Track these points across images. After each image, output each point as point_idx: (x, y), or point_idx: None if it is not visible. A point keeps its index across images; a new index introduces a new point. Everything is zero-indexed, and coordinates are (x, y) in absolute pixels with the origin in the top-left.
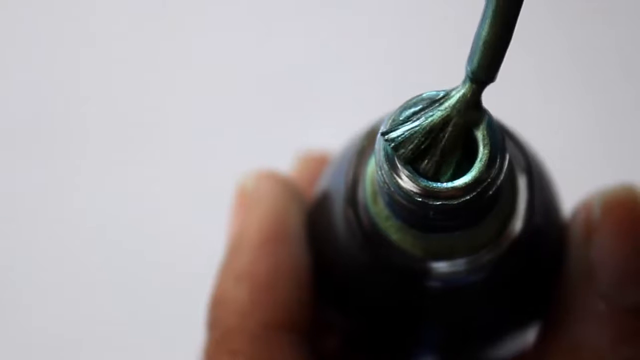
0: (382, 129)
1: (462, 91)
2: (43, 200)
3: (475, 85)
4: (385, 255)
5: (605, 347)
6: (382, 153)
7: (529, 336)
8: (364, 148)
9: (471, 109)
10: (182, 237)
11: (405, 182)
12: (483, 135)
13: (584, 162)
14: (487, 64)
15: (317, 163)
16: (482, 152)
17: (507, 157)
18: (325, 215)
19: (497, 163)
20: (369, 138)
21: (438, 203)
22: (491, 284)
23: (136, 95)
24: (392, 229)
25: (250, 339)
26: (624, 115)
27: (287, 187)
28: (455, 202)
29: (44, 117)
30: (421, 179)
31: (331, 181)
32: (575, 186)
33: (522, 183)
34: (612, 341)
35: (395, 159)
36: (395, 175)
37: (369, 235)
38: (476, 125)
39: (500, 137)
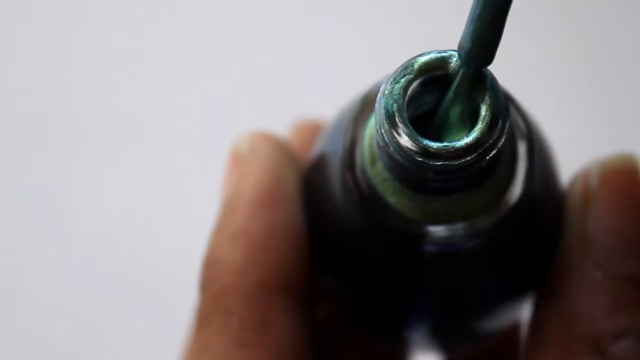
0: (384, 86)
1: (459, 78)
2: (42, 200)
3: (471, 71)
4: (382, 219)
5: (600, 316)
6: (382, 111)
7: (524, 307)
8: (362, 110)
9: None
10: (181, 237)
11: (405, 141)
12: (485, 97)
13: (587, 149)
14: (481, 49)
15: (312, 130)
16: (484, 113)
17: (509, 119)
18: (321, 178)
19: (499, 125)
20: (367, 100)
21: (438, 163)
22: (488, 250)
23: (136, 96)
24: (389, 191)
25: (244, 298)
26: (628, 103)
27: (282, 148)
28: (456, 163)
29: (44, 118)
30: (421, 138)
31: (327, 145)
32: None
33: (522, 149)
34: (607, 309)
35: (396, 116)
36: (395, 134)
37: (366, 198)
38: (479, 87)
39: (503, 99)
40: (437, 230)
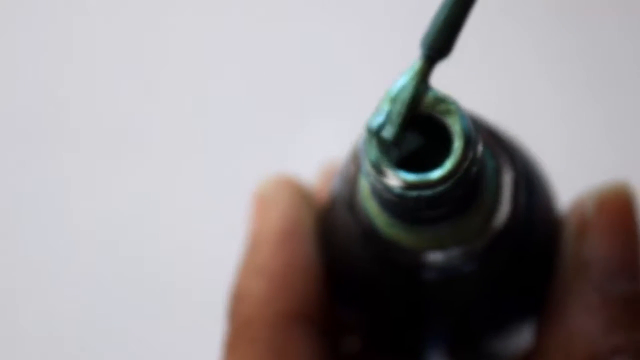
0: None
1: (416, 66)
2: (42, 201)
3: (426, 60)
4: (382, 251)
5: (597, 336)
6: (363, 153)
7: (529, 333)
8: (355, 159)
9: (442, 100)
10: (181, 239)
11: (387, 176)
12: (456, 129)
13: (590, 157)
14: (441, 40)
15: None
16: (456, 145)
17: (480, 150)
18: (333, 217)
19: (470, 155)
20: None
21: (415, 194)
22: (483, 275)
23: (137, 97)
24: (385, 224)
25: (268, 327)
26: (630, 113)
27: (300, 192)
28: (431, 193)
29: (44, 118)
30: (395, 170)
31: (336, 187)
32: (580, 180)
33: (506, 175)
34: (604, 330)
35: (379, 163)
36: (374, 170)
37: (367, 233)
38: (449, 116)
39: (474, 132)
40: (433, 257)
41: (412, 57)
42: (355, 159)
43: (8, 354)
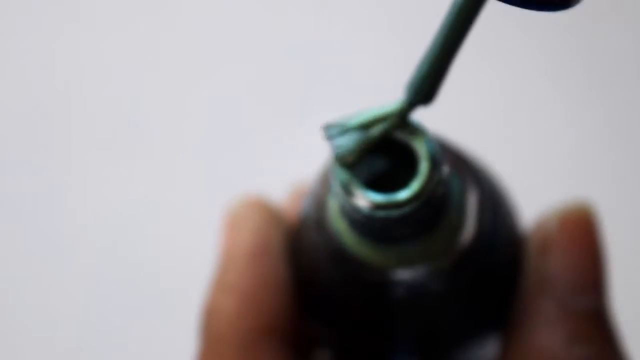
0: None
1: (396, 106)
2: (43, 201)
3: (409, 105)
4: (351, 269)
5: (559, 349)
6: (332, 174)
7: (495, 347)
8: (324, 180)
9: (410, 125)
10: (181, 241)
11: (355, 196)
12: (422, 151)
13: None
14: (425, 91)
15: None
16: (422, 168)
17: (446, 171)
18: (302, 236)
19: (436, 176)
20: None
21: (383, 214)
22: (449, 291)
23: (138, 99)
24: (354, 243)
25: (237, 344)
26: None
27: (269, 212)
28: (398, 214)
29: (44, 119)
30: (364, 191)
31: (306, 206)
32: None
33: (471, 195)
34: (565, 343)
35: (348, 184)
36: (343, 191)
37: (336, 251)
38: (415, 138)
39: (440, 154)
40: (401, 274)
41: (411, 57)
42: (324, 180)
43: (8, 354)
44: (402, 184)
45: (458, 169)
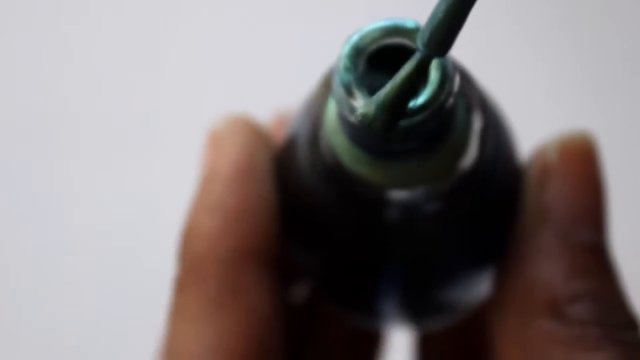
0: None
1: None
2: (42, 201)
3: (423, 58)
4: (346, 187)
5: (557, 282)
6: (337, 78)
7: (487, 284)
8: (324, 87)
9: (417, 30)
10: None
11: (360, 103)
12: (435, 61)
13: None
14: (440, 40)
15: (289, 118)
16: (434, 76)
17: (457, 82)
18: (292, 155)
19: (447, 87)
20: (328, 77)
21: None
22: (446, 217)
23: (137, 96)
24: (351, 159)
25: (219, 264)
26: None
27: (255, 129)
28: (408, 122)
29: (43, 120)
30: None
31: (296, 125)
32: None
33: (475, 118)
34: (564, 276)
35: (351, 82)
36: (350, 99)
37: (331, 168)
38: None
39: (451, 64)
40: (399, 194)
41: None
42: (325, 88)
43: (8, 354)
44: None
45: (464, 88)
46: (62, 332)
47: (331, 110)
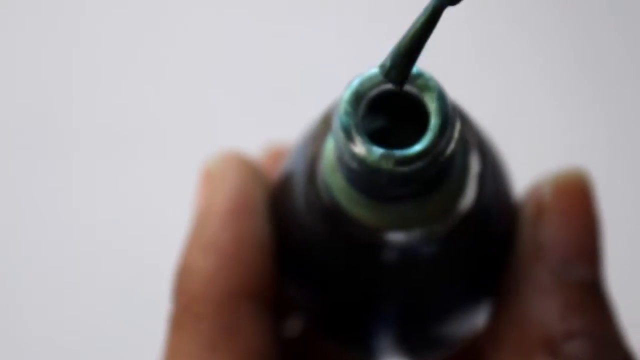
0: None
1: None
2: (42, 202)
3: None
4: (343, 227)
5: (553, 319)
6: (338, 122)
7: (483, 314)
8: (323, 125)
9: (419, 75)
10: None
11: (360, 149)
12: (434, 107)
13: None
14: (400, 68)
15: (281, 153)
16: (434, 122)
17: (457, 128)
18: (287, 192)
19: (447, 133)
20: (327, 116)
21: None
22: (445, 256)
23: (137, 96)
24: (348, 200)
25: (214, 304)
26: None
27: (249, 167)
28: (407, 169)
29: (44, 119)
30: (373, 145)
31: (292, 162)
32: None
33: (473, 160)
34: (558, 312)
35: (351, 127)
36: (350, 143)
37: (327, 208)
38: (427, 93)
39: (451, 110)
40: (395, 236)
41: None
42: (324, 125)
43: (8, 354)
44: (401, 142)
45: (463, 130)
46: (62, 332)
47: (329, 149)
